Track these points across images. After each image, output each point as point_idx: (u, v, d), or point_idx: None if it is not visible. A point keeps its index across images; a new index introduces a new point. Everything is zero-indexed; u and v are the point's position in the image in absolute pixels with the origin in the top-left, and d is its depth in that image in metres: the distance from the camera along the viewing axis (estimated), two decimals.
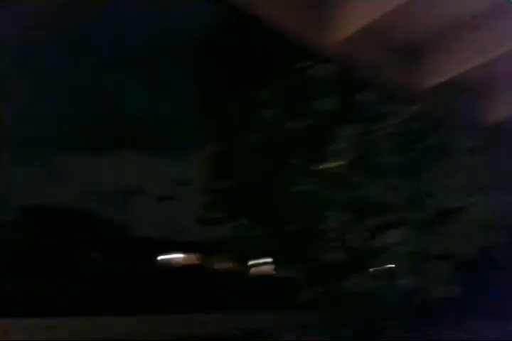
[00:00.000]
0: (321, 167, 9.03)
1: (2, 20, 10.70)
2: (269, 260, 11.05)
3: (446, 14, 3.71)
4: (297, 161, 9.54)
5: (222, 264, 13.55)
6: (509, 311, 6.52)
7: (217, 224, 11.43)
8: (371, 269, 8.35)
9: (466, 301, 7.67)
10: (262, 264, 11.88)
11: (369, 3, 3.51)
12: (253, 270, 12.61)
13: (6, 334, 8.70)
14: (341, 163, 8.67)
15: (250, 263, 12.15)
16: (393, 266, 7.96)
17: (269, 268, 11.70)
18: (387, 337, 8.18)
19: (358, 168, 8.49)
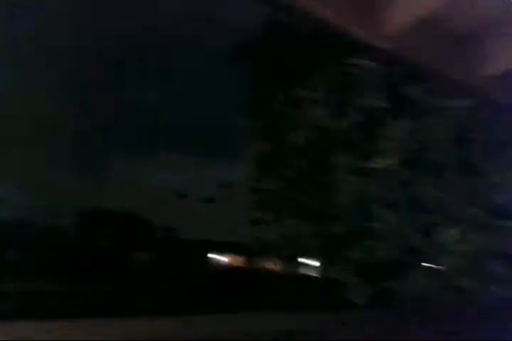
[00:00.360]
0: (370, 165, 8.84)
1: None
2: (319, 260, 10.91)
3: (502, 2, 3.55)
4: (345, 159, 9.37)
5: (271, 265, 13.51)
6: None
7: (263, 225, 11.41)
8: (426, 269, 8.09)
9: None
10: (311, 264, 11.76)
11: None
12: (302, 270, 12.51)
13: (66, 335, 8.96)
14: (392, 160, 8.46)
15: (299, 263, 12.05)
16: (449, 265, 7.68)
17: (318, 268, 11.56)
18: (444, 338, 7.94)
19: (410, 165, 8.25)
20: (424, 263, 8.03)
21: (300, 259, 11.08)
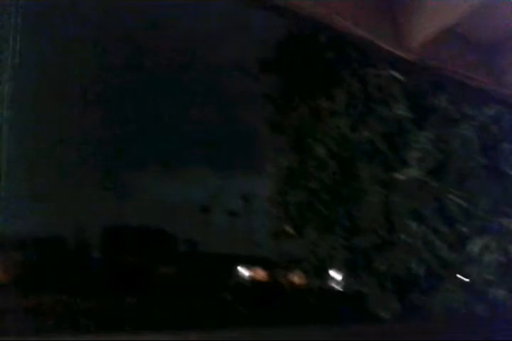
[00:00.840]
0: (397, 176, 8.77)
1: None
2: (344, 273, 10.81)
3: None
4: (370, 170, 9.32)
5: (296, 278, 13.43)
6: None
7: (289, 238, 11.38)
8: (457, 280, 7.95)
9: None
10: (336, 277, 11.66)
11: (447, 4, 3.44)
12: (330, 283, 12.40)
13: None
14: (417, 170, 8.39)
15: (326, 276, 11.95)
16: (478, 276, 7.54)
17: (346, 282, 11.45)
18: None
19: (436, 175, 8.17)
20: (452, 275, 7.90)
21: (325, 272, 11.00)
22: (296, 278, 13.78)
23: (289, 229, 11.13)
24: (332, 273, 11.64)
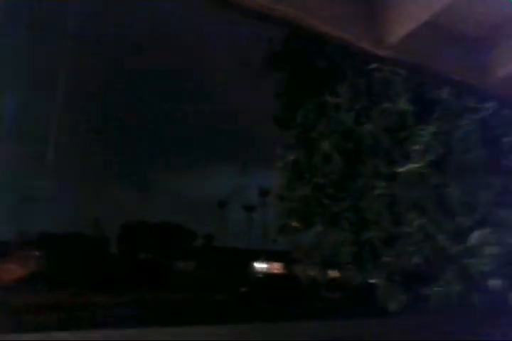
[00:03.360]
0: (400, 169, 8.81)
1: None
2: (351, 266, 10.87)
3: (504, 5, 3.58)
4: (373, 164, 9.37)
5: (307, 271, 13.53)
6: None
7: (299, 232, 11.47)
8: (457, 272, 7.97)
9: None
10: (347, 270, 11.73)
11: None
12: (338, 276, 12.48)
13: None
14: (422, 163, 8.41)
15: (335, 269, 12.03)
16: (479, 267, 7.56)
17: (353, 274, 11.51)
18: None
19: (437, 168, 8.18)
20: (452, 266, 7.94)
21: (331, 266, 11.08)
22: (304, 271, 13.88)
23: (295, 223, 11.23)
24: (339, 266, 11.72)
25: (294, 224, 11.20)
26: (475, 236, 7.38)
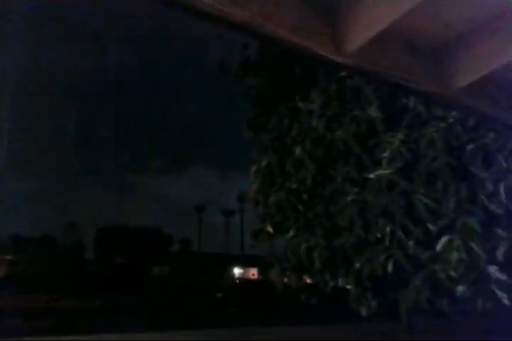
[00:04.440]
0: (370, 175, 8.92)
1: None
2: (322, 272, 10.93)
3: (468, 11, 3.63)
4: (347, 170, 9.46)
5: (280, 277, 13.53)
6: None
7: (271, 237, 11.53)
8: (425, 278, 8.08)
9: None
10: (317, 276, 11.77)
11: (386, 5, 3.47)
12: (309, 282, 12.53)
13: None
14: (391, 170, 8.52)
15: (306, 275, 12.08)
16: (447, 274, 7.66)
17: (325, 280, 11.56)
18: None
19: (408, 175, 8.31)
20: (420, 272, 8.04)
21: (304, 271, 11.12)
22: (281, 277, 13.87)
23: (269, 228, 11.25)
24: (312, 271, 11.76)
25: (268, 229, 11.23)
26: (442, 242, 7.49)
